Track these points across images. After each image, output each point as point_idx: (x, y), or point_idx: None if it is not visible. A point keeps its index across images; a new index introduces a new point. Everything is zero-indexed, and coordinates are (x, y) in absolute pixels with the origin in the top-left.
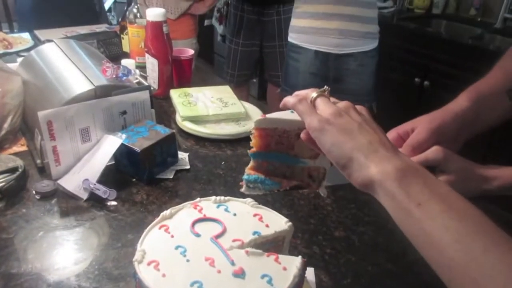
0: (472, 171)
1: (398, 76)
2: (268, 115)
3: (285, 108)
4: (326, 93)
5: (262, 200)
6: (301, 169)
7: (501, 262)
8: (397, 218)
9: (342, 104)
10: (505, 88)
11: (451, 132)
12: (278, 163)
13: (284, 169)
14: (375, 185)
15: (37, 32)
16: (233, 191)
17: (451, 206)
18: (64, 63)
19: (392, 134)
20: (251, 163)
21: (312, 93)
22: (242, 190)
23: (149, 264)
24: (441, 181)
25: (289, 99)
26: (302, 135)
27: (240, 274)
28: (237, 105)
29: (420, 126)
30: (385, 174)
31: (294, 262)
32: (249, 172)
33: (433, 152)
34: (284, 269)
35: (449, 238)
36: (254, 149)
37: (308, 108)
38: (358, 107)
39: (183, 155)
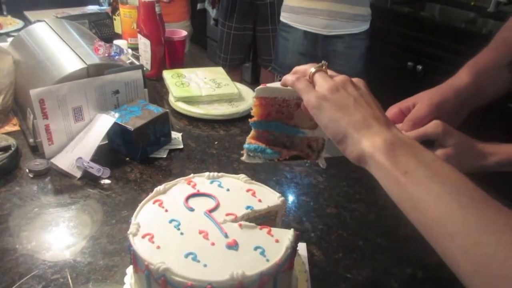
0: (471, 146)
1: (391, 60)
2: (269, 84)
3: (283, 85)
4: (324, 67)
5: (255, 178)
6: (300, 139)
7: (476, 218)
8: (386, 186)
9: (339, 78)
10: (504, 61)
11: (452, 107)
12: (278, 133)
13: (284, 139)
14: (367, 158)
15: (27, 13)
16: (226, 170)
17: (434, 172)
18: (56, 42)
19: (393, 109)
20: (252, 133)
21: (311, 68)
22: (243, 158)
23: (143, 236)
24: (428, 151)
25: (287, 77)
26: (303, 107)
27: (233, 246)
28: (230, 86)
29: (421, 101)
30: (374, 147)
31: (286, 235)
32: (250, 141)
33: (432, 126)
34: (277, 241)
35: (431, 200)
36: (255, 118)
37: (306, 86)
38: (355, 79)
39: (176, 135)
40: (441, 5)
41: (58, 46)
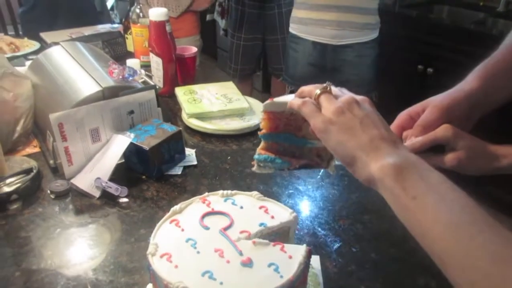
0: (482, 148)
1: (401, 64)
2: (276, 99)
3: (290, 108)
4: (328, 88)
5: (268, 192)
6: (309, 149)
7: (485, 248)
8: (395, 210)
9: (344, 99)
10: None
11: (462, 111)
12: (287, 144)
13: (293, 149)
14: (376, 181)
15: (42, 34)
16: (239, 184)
17: (442, 198)
18: (72, 66)
19: (403, 116)
20: (262, 144)
21: (316, 90)
22: (254, 169)
23: (162, 256)
24: (435, 171)
25: (294, 102)
26: (311, 131)
27: (248, 263)
28: (241, 101)
29: (431, 106)
30: (383, 171)
31: (299, 251)
32: (260, 152)
33: (442, 129)
34: (290, 257)
35: (439, 229)
36: (264, 131)
37: (312, 111)
38: (360, 98)
39: (190, 151)
40: (449, 7)
41: (75, 69)
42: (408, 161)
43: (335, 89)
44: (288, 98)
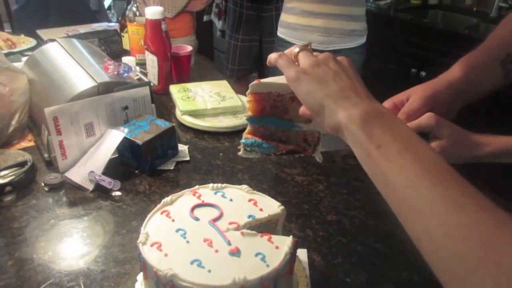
0: (464, 137)
1: (395, 67)
2: (263, 80)
3: (269, 64)
4: (309, 47)
5: (258, 188)
6: (296, 133)
7: (443, 197)
8: (360, 159)
9: (322, 55)
10: (498, 57)
11: (444, 100)
12: (274, 128)
13: (280, 134)
14: (343, 129)
15: (39, 31)
16: (230, 180)
17: (408, 148)
18: (67, 62)
19: (387, 103)
20: (248, 128)
21: (296, 48)
22: (240, 153)
23: (152, 245)
24: (405, 124)
25: (272, 55)
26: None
27: (235, 252)
28: (234, 99)
29: (415, 94)
30: (350, 118)
31: (285, 241)
32: (247, 136)
33: (426, 118)
34: (277, 247)
35: (402, 177)
36: (250, 114)
37: (287, 62)
38: (339, 57)
39: (183, 147)
40: (443, 12)
41: (70, 65)
42: (377, 111)
43: (316, 52)
44: (275, 79)
